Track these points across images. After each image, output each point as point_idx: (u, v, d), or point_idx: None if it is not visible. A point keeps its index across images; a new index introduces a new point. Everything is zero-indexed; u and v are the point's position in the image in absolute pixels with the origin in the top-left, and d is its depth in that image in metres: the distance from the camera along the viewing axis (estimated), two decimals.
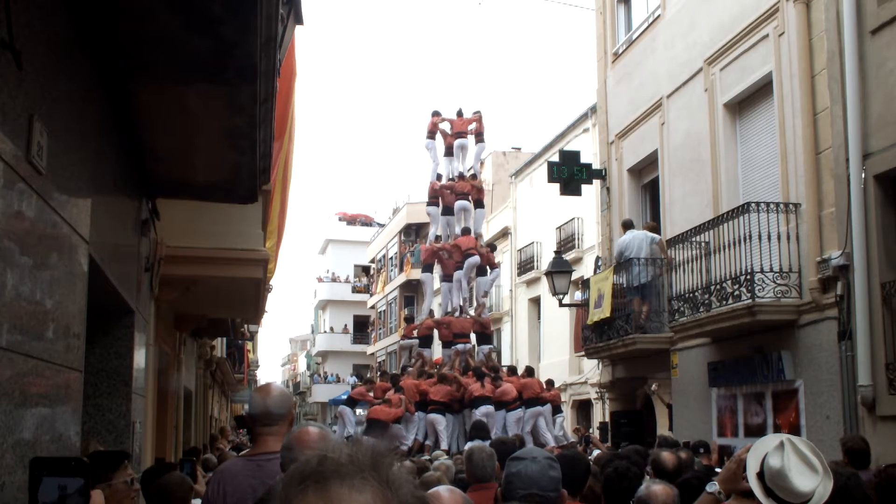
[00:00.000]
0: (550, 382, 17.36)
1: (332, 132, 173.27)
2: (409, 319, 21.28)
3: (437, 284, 20.59)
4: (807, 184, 9.88)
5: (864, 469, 6.15)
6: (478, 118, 20.25)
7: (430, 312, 19.60)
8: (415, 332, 19.27)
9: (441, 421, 15.78)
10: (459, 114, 20.35)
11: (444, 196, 19.65)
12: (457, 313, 18.59)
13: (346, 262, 56.30)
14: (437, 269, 19.97)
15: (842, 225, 9.16)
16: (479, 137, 20.30)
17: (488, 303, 21.93)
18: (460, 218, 19.32)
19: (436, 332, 18.76)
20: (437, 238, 19.76)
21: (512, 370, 17.84)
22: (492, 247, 20.78)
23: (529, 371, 17.09)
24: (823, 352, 9.50)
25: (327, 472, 1.12)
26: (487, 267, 19.42)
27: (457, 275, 18.69)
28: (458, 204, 19.31)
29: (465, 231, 19.02)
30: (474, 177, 19.89)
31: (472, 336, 18.47)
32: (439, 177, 20.06)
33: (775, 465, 3.19)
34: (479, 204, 19.60)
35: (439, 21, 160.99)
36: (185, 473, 6.11)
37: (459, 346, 17.89)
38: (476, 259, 18.62)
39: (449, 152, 20.19)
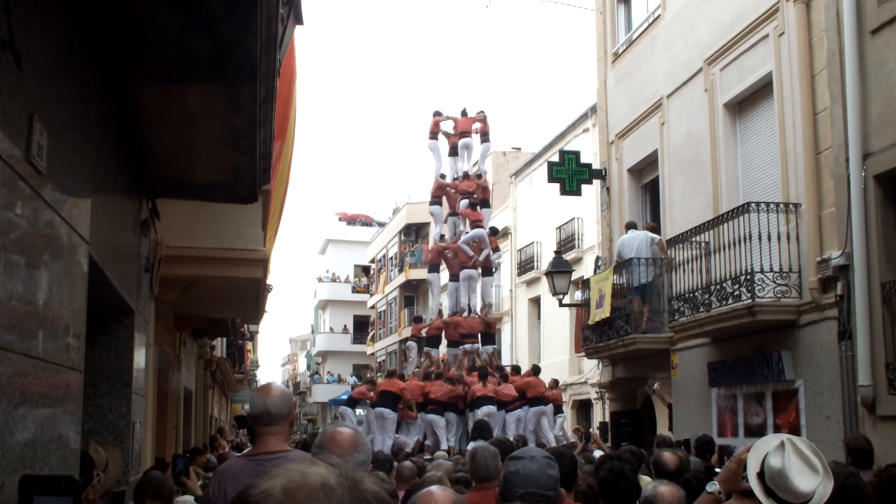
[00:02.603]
0: (556, 382, 17.39)
1: (332, 132, 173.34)
2: (419, 319, 21.25)
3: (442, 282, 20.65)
4: (807, 184, 9.88)
5: (867, 469, 6.15)
6: (482, 118, 20.25)
7: (439, 312, 19.63)
8: (423, 332, 19.26)
9: (439, 421, 15.78)
10: (464, 113, 20.35)
11: (449, 195, 19.64)
12: (465, 313, 18.60)
13: (346, 262, 56.30)
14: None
15: (842, 225, 9.16)
16: (485, 137, 20.32)
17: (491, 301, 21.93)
18: (465, 217, 19.32)
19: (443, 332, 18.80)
20: (442, 237, 19.76)
21: (516, 369, 17.85)
22: (494, 230, 20.74)
23: (536, 370, 17.09)
24: (823, 352, 9.50)
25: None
26: (492, 251, 19.43)
27: (462, 274, 18.70)
28: (463, 202, 19.31)
29: (469, 207, 19.00)
30: (479, 176, 19.89)
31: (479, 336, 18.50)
32: (443, 176, 20.06)
33: (776, 465, 3.19)
34: (484, 203, 19.58)
35: (440, 21, 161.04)
36: (179, 469, 6.12)
37: (467, 346, 17.91)
38: (470, 272, 18.64)
39: (454, 152, 20.18)
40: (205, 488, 5.94)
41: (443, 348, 19.35)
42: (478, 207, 19.18)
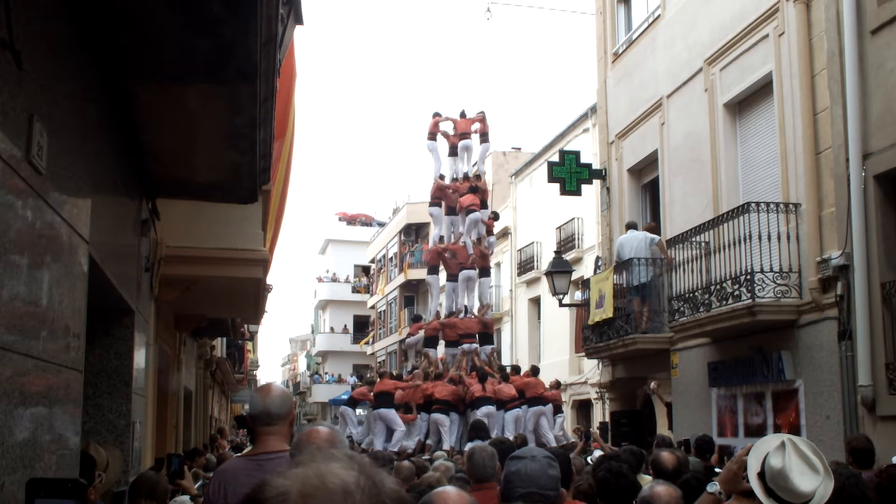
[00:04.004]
0: (558, 383, 17.38)
1: (332, 132, 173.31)
2: (418, 318, 21.22)
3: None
4: (807, 184, 9.87)
5: (868, 469, 6.14)
6: (482, 118, 20.19)
7: (437, 314, 19.62)
8: (421, 332, 19.26)
9: (444, 421, 15.79)
10: (462, 114, 20.31)
11: (448, 196, 19.63)
12: (461, 314, 18.60)
13: (346, 262, 56.28)
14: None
15: (842, 225, 9.16)
16: (484, 138, 20.26)
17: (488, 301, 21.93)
18: (464, 218, 19.28)
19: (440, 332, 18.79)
20: (441, 239, 19.75)
21: (515, 369, 17.86)
22: (496, 215, 20.74)
23: (534, 370, 17.11)
24: (823, 352, 9.50)
25: (316, 457, 1.13)
26: (492, 232, 19.35)
27: (462, 275, 18.70)
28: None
29: (472, 190, 18.99)
30: (478, 177, 19.86)
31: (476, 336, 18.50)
32: (442, 177, 20.04)
33: (776, 466, 3.19)
34: (483, 205, 19.54)
35: (440, 21, 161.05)
36: (174, 469, 6.11)
37: (465, 347, 17.91)
38: (469, 272, 18.62)
39: (453, 153, 20.15)
40: (205, 488, 5.94)
41: (441, 349, 19.34)
42: (476, 191, 19.19)
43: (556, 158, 16.96)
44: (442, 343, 19.00)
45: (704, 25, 12.33)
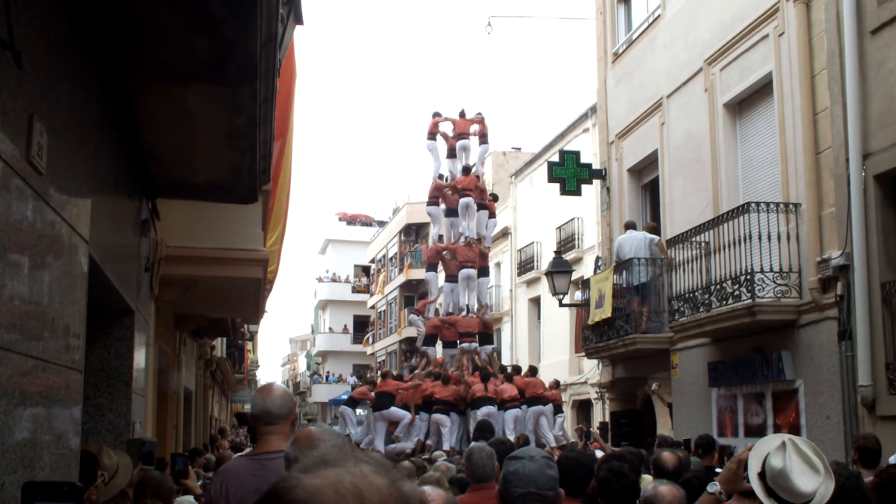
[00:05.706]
0: (557, 383, 17.38)
1: (332, 132, 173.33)
2: (423, 296, 21.09)
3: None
4: (807, 184, 9.88)
5: (873, 469, 6.13)
6: (480, 119, 20.14)
7: (436, 311, 19.60)
8: (428, 309, 19.24)
9: (445, 421, 15.77)
10: (462, 114, 20.27)
11: (446, 196, 19.61)
12: (462, 313, 18.57)
13: (346, 262, 56.31)
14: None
15: (842, 225, 9.16)
16: (483, 139, 20.21)
17: (487, 301, 21.92)
18: (464, 216, 19.23)
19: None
20: (440, 238, 19.73)
21: (516, 369, 17.86)
22: (494, 196, 20.67)
23: (533, 370, 17.11)
24: (823, 352, 9.50)
25: (340, 458, 1.11)
26: (489, 217, 19.46)
27: (461, 274, 18.68)
28: (462, 202, 19.26)
29: (465, 170, 19.00)
30: (477, 177, 19.82)
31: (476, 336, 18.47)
32: (441, 177, 20.02)
33: (777, 466, 3.19)
34: (481, 206, 19.49)
35: (439, 21, 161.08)
36: (177, 469, 6.12)
37: (465, 346, 17.88)
38: (469, 271, 18.59)
39: (452, 153, 20.13)
40: (205, 488, 5.93)
41: (439, 350, 19.31)
42: (471, 172, 19.18)
43: (556, 158, 16.94)
44: (440, 344, 18.97)
45: (704, 25, 12.33)
